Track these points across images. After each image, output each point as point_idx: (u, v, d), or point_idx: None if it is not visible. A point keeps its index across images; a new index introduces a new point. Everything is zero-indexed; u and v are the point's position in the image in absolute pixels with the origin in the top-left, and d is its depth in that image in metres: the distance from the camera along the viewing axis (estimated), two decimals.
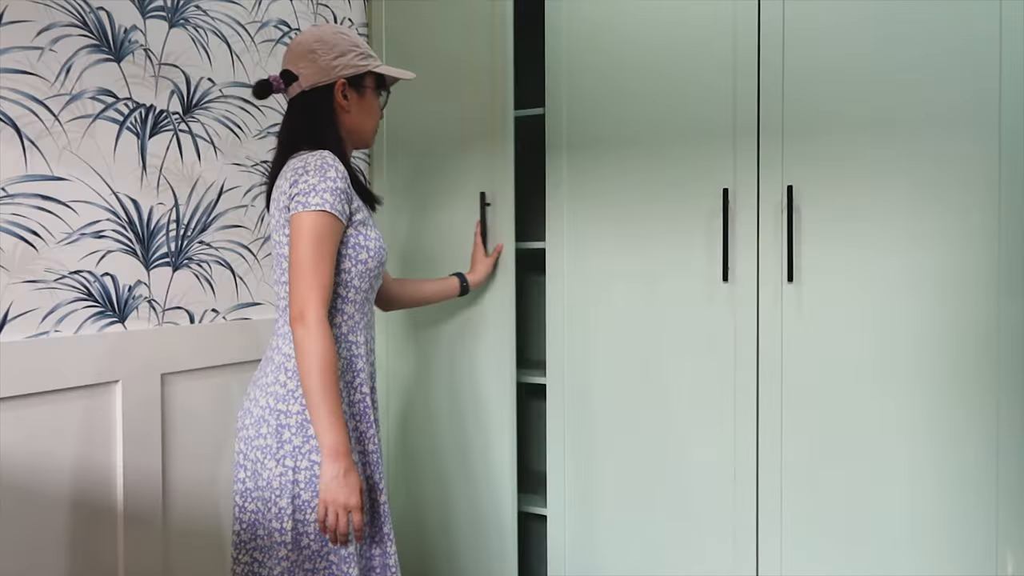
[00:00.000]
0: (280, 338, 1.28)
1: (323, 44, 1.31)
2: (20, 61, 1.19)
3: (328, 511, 1.17)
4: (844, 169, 1.48)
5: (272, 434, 1.23)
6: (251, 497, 1.26)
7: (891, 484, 1.46)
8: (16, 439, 1.18)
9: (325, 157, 1.23)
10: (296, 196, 1.21)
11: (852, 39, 1.47)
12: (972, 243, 1.39)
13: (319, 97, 1.32)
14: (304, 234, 1.19)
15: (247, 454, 1.26)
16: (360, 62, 1.34)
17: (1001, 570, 1.38)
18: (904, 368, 1.45)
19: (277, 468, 1.23)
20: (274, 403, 1.24)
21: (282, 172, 1.28)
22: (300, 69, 1.31)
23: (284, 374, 1.25)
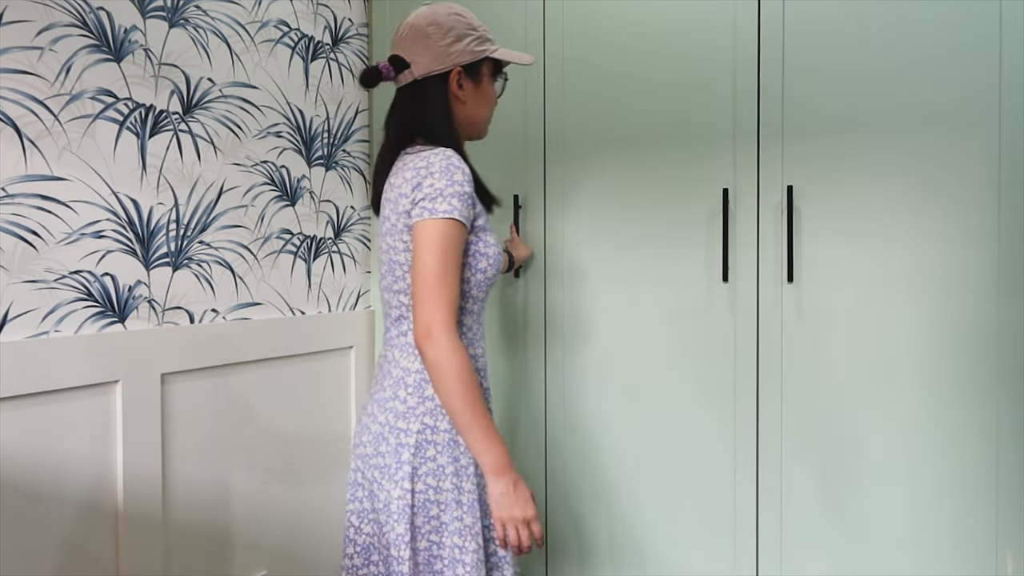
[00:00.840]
0: (397, 350, 1.21)
1: (438, 28, 1.19)
2: (20, 61, 1.19)
3: (507, 528, 1.10)
4: (844, 169, 1.48)
5: (391, 453, 1.16)
6: (367, 519, 1.21)
7: (891, 484, 1.46)
8: (16, 439, 1.18)
9: (450, 157, 1.14)
10: (421, 201, 1.12)
11: (852, 39, 1.47)
12: (972, 243, 1.39)
13: (433, 86, 1.21)
14: (431, 244, 1.09)
15: (364, 473, 1.20)
16: (478, 47, 1.22)
17: (1001, 570, 1.38)
18: (904, 368, 1.45)
19: (395, 491, 1.15)
20: (393, 420, 1.17)
21: (397, 170, 1.19)
22: (413, 55, 1.20)
23: (404, 389, 1.18)
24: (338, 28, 1.88)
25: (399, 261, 1.18)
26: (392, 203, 1.17)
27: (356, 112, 1.94)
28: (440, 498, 1.16)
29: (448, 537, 1.16)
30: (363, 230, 1.97)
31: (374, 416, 1.20)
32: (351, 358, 1.90)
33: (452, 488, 1.16)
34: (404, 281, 1.18)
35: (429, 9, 1.22)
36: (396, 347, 1.21)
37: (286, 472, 1.71)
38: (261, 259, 1.66)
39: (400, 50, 1.22)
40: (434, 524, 1.16)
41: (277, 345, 1.67)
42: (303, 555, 1.76)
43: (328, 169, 1.85)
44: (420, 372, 1.18)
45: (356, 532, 1.21)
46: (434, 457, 1.16)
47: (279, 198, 1.71)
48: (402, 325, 1.21)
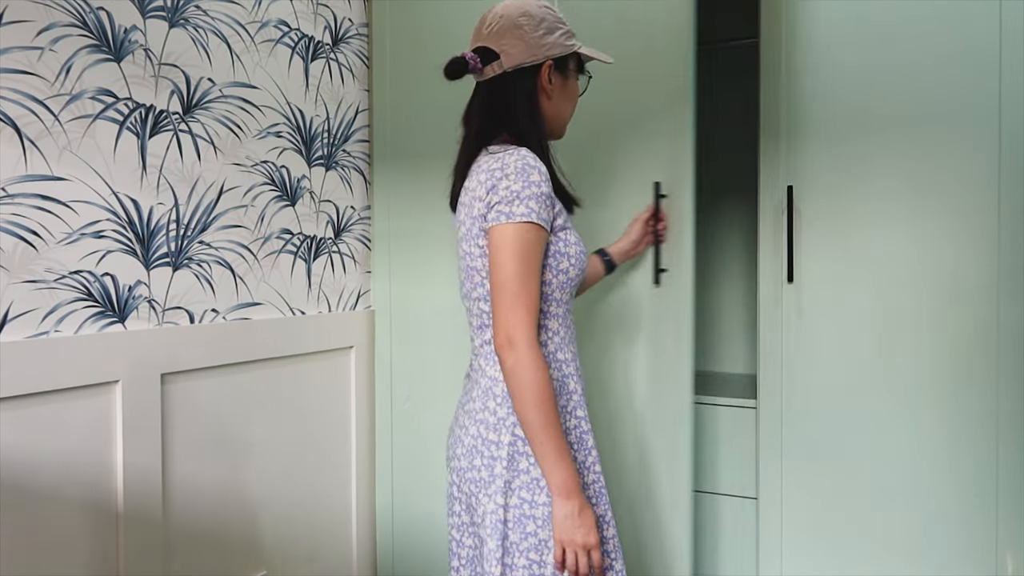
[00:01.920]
0: (482, 359, 1.17)
1: (531, 19, 1.14)
2: (20, 61, 1.19)
3: (567, 552, 1.07)
4: (844, 169, 1.48)
5: (485, 467, 1.12)
6: (468, 532, 1.18)
7: (891, 484, 1.46)
8: (16, 439, 1.18)
9: (525, 157, 1.09)
10: (496, 205, 1.07)
11: (852, 40, 1.47)
12: (972, 243, 1.39)
13: (522, 79, 1.15)
14: (509, 249, 1.05)
15: (461, 487, 1.16)
16: (567, 41, 1.17)
17: (1001, 570, 1.38)
18: (904, 368, 1.45)
19: (489, 504, 1.11)
20: (485, 432, 1.13)
21: (473, 171, 1.14)
22: (503, 46, 1.13)
23: (493, 400, 1.14)
24: (338, 28, 1.88)
25: (476, 267, 1.14)
26: (467, 207, 1.13)
27: (356, 112, 1.94)
28: (536, 513, 1.10)
29: (551, 554, 1.10)
30: (363, 230, 1.97)
31: (466, 428, 1.16)
32: (351, 358, 1.90)
33: (548, 502, 1.10)
34: (483, 288, 1.14)
35: (525, 3, 1.16)
36: (481, 356, 1.17)
37: (286, 472, 1.71)
38: (261, 259, 1.66)
39: (486, 41, 1.15)
40: (532, 541, 1.10)
41: (277, 345, 1.67)
42: (303, 555, 1.76)
43: (328, 169, 1.85)
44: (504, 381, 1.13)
45: (459, 545, 1.19)
46: (527, 470, 1.11)
47: (279, 198, 1.71)
48: (485, 333, 1.17)
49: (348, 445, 1.91)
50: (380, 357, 1.95)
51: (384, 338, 1.95)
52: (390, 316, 1.94)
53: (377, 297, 1.96)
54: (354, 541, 1.92)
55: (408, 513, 1.94)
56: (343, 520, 1.89)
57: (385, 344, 1.95)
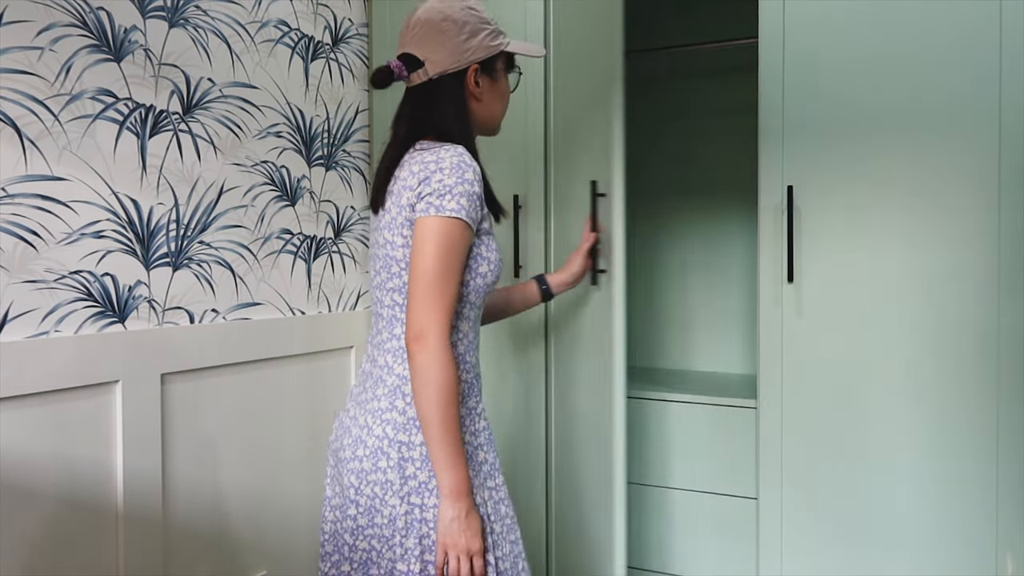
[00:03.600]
0: (390, 355, 1.14)
1: (453, 23, 1.13)
2: (20, 61, 1.19)
3: (448, 556, 1.06)
4: (844, 169, 1.48)
5: (394, 468, 1.10)
6: (363, 535, 1.14)
7: (891, 484, 1.46)
8: (16, 439, 1.18)
9: (463, 155, 1.09)
10: (427, 196, 1.06)
11: (852, 40, 1.47)
12: (972, 243, 1.39)
13: (448, 85, 1.15)
14: (432, 242, 1.05)
15: (360, 489, 1.13)
16: (492, 42, 1.16)
17: (1001, 570, 1.38)
18: (904, 368, 1.45)
19: (402, 506, 1.09)
20: (393, 433, 1.10)
21: (405, 163, 1.13)
22: (426, 53, 1.13)
23: (402, 399, 1.11)
24: (338, 28, 1.88)
25: (396, 257, 1.12)
26: (395, 196, 1.12)
27: (356, 112, 1.94)
28: None
29: None
30: (363, 230, 1.97)
31: (369, 428, 1.13)
32: (351, 358, 1.90)
33: None
34: (400, 279, 1.13)
35: (439, 3, 1.15)
36: (388, 352, 1.14)
37: (286, 472, 1.71)
38: (261, 259, 1.66)
39: (411, 47, 1.15)
40: None
41: (277, 345, 1.67)
42: (303, 555, 1.76)
43: (328, 169, 1.85)
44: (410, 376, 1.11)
45: (352, 549, 1.16)
46: None
47: (279, 198, 1.71)
48: (395, 328, 1.14)
49: None
50: None
51: None
52: None
53: None
54: None
55: None
56: None
57: None
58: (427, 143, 1.15)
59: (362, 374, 1.21)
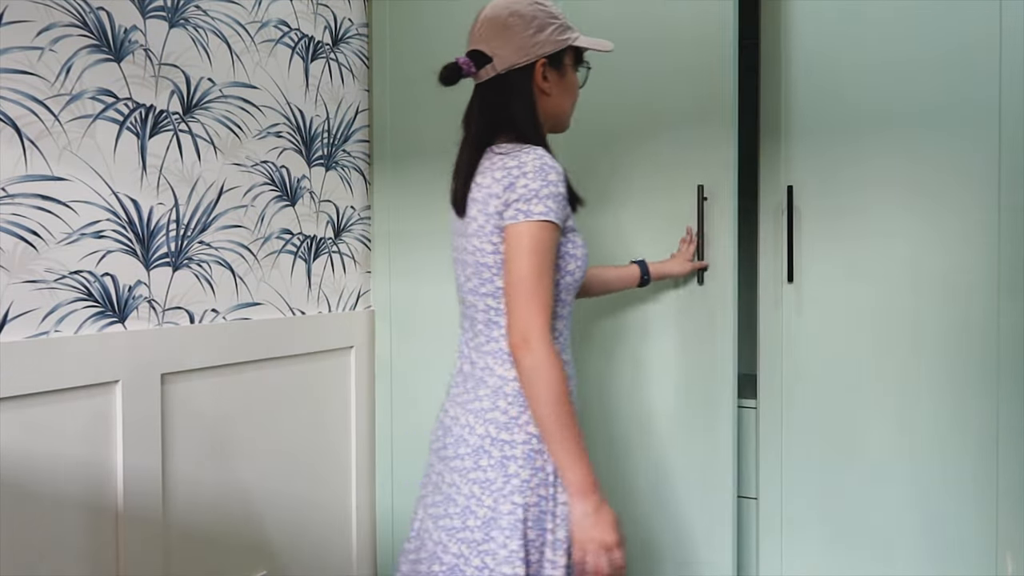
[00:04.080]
0: (490, 357, 1.15)
1: (520, 18, 1.13)
2: (20, 61, 1.19)
3: (586, 552, 1.06)
4: (844, 169, 1.48)
5: (495, 467, 1.11)
6: (456, 538, 1.14)
7: (891, 484, 1.46)
8: (16, 439, 1.18)
9: (543, 156, 1.10)
10: (515, 203, 1.07)
11: (852, 39, 1.47)
12: (972, 242, 1.39)
13: (517, 80, 1.15)
14: (526, 247, 1.06)
15: (460, 488, 1.14)
16: (560, 36, 1.16)
17: (1001, 570, 1.38)
18: (904, 367, 1.45)
19: (504, 505, 1.09)
20: (495, 432, 1.12)
21: (485, 169, 1.13)
22: (494, 49, 1.13)
23: (504, 399, 1.12)
24: (338, 28, 1.88)
25: (487, 264, 1.13)
26: (481, 203, 1.12)
27: (356, 112, 1.94)
28: (555, 510, 1.11)
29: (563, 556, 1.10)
30: (363, 230, 1.97)
31: (470, 427, 1.14)
32: (351, 358, 1.90)
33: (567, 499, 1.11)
34: (492, 284, 1.13)
35: (514, 3, 1.15)
36: (488, 354, 1.16)
37: (286, 472, 1.71)
38: (261, 259, 1.66)
39: (479, 44, 1.15)
40: (549, 539, 1.11)
41: (277, 345, 1.67)
42: (303, 555, 1.76)
43: (328, 169, 1.85)
44: (517, 380, 1.13)
45: (444, 550, 1.15)
46: (543, 467, 1.11)
47: (279, 198, 1.71)
48: (492, 331, 1.15)
49: (348, 445, 1.91)
50: (380, 357, 1.96)
51: (384, 338, 1.95)
52: (390, 316, 1.94)
53: (377, 297, 1.96)
54: (354, 541, 1.92)
55: (408, 513, 1.94)
56: (343, 520, 1.90)
57: (385, 344, 1.95)
58: (505, 146, 1.14)
59: (460, 375, 1.22)
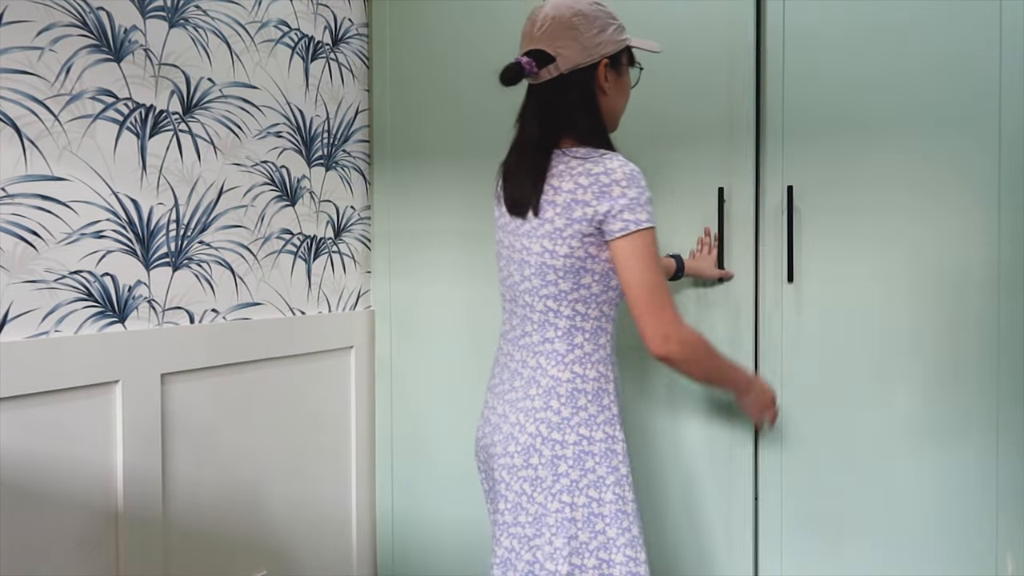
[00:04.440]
0: (542, 357, 1.18)
1: (584, 18, 1.14)
2: (20, 61, 1.19)
3: (761, 419, 1.35)
4: (844, 170, 1.48)
5: (546, 466, 1.14)
6: (507, 533, 1.17)
7: (891, 484, 1.46)
8: (16, 439, 1.18)
9: (627, 163, 1.12)
10: (618, 214, 1.10)
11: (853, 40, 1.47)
12: (972, 242, 1.39)
13: (580, 80, 1.16)
14: (640, 257, 1.10)
15: (509, 484, 1.17)
16: (620, 36, 1.17)
17: (1001, 570, 1.38)
18: (904, 367, 1.45)
19: (553, 503, 1.13)
20: (547, 432, 1.15)
21: (562, 173, 1.14)
22: (558, 48, 1.13)
23: (556, 400, 1.16)
24: (338, 28, 1.88)
25: (555, 266, 1.15)
26: (562, 207, 1.13)
27: (356, 112, 1.94)
28: (604, 511, 1.13)
29: (619, 552, 1.13)
30: (363, 230, 1.97)
31: (521, 426, 1.16)
32: (351, 358, 1.90)
33: (615, 499, 1.14)
34: (556, 286, 1.16)
35: (575, 2, 1.15)
36: (541, 354, 1.18)
37: (286, 472, 1.71)
38: (261, 259, 1.66)
39: (540, 44, 1.15)
40: (602, 540, 1.13)
41: (277, 345, 1.67)
42: (303, 555, 1.76)
43: (328, 169, 1.85)
44: (571, 382, 1.16)
45: (497, 544, 1.19)
46: (593, 468, 1.14)
47: (279, 198, 1.71)
48: (547, 331, 1.18)
49: (348, 445, 1.91)
50: (380, 357, 1.96)
51: (384, 338, 1.95)
52: (390, 316, 1.95)
53: (377, 297, 1.96)
54: (354, 541, 1.92)
55: (408, 513, 1.94)
56: (343, 520, 1.90)
57: (385, 344, 1.95)
58: (581, 150, 1.15)
59: (505, 371, 1.24)
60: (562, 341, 1.17)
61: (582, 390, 1.16)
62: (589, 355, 1.18)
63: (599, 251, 1.14)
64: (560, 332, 1.17)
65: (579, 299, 1.16)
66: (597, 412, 1.17)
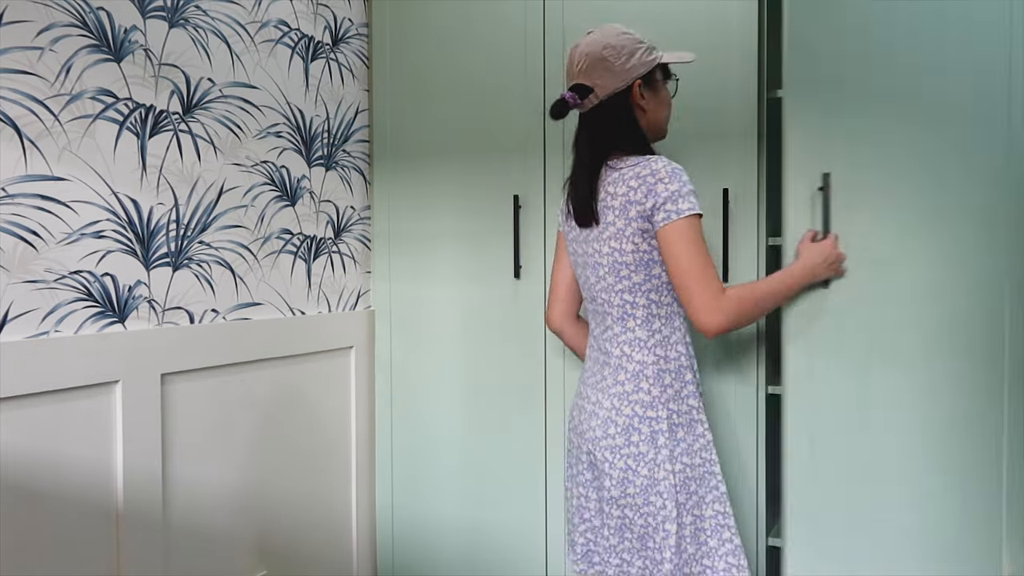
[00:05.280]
0: (627, 346, 1.32)
1: (613, 50, 1.28)
2: (20, 61, 1.19)
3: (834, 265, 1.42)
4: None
5: (646, 441, 1.28)
6: (617, 504, 1.30)
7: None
8: (16, 439, 1.18)
9: (670, 162, 1.26)
10: (663, 206, 1.23)
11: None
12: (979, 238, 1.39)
13: (618, 103, 1.31)
14: (683, 241, 1.23)
15: (614, 463, 1.29)
16: (648, 58, 1.31)
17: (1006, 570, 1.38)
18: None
19: (659, 472, 1.27)
20: (642, 411, 1.29)
21: (614, 180, 1.29)
22: (595, 80, 1.29)
23: (646, 381, 1.30)
24: (338, 28, 1.88)
25: (626, 262, 1.29)
26: (619, 210, 1.28)
27: (356, 112, 1.94)
28: (694, 474, 1.30)
29: (708, 507, 1.30)
30: (363, 230, 1.97)
31: (618, 409, 1.30)
32: (351, 358, 1.90)
33: (703, 462, 1.31)
34: (630, 280, 1.30)
35: (599, 34, 1.30)
36: (625, 343, 1.32)
37: (286, 472, 1.71)
38: (261, 259, 1.66)
39: (580, 79, 1.30)
40: (695, 500, 1.29)
41: (277, 345, 1.67)
42: (303, 555, 1.76)
43: (328, 169, 1.85)
44: (655, 364, 1.30)
45: (608, 516, 1.32)
46: (684, 438, 1.30)
47: (279, 198, 1.71)
48: (628, 322, 1.32)
49: (348, 445, 1.91)
50: (380, 357, 1.96)
51: (384, 338, 1.95)
52: (390, 316, 1.95)
53: (377, 297, 1.96)
54: (354, 541, 1.92)
55: (408, 512, 1.94)
56: (343, 520, 1.90)
57: (385, 344, 1.95)
58: (626, 159, 1.30)
59: (596, 365, 1.38)
60: (642, 329, 1.31)
61: (666, 370, 1.30)
62: (667, 338, 1.32)
63: None
64: (639, 321, 1.31)
65: (652, 288, 1.30)
66: (681, 387, 1.31)
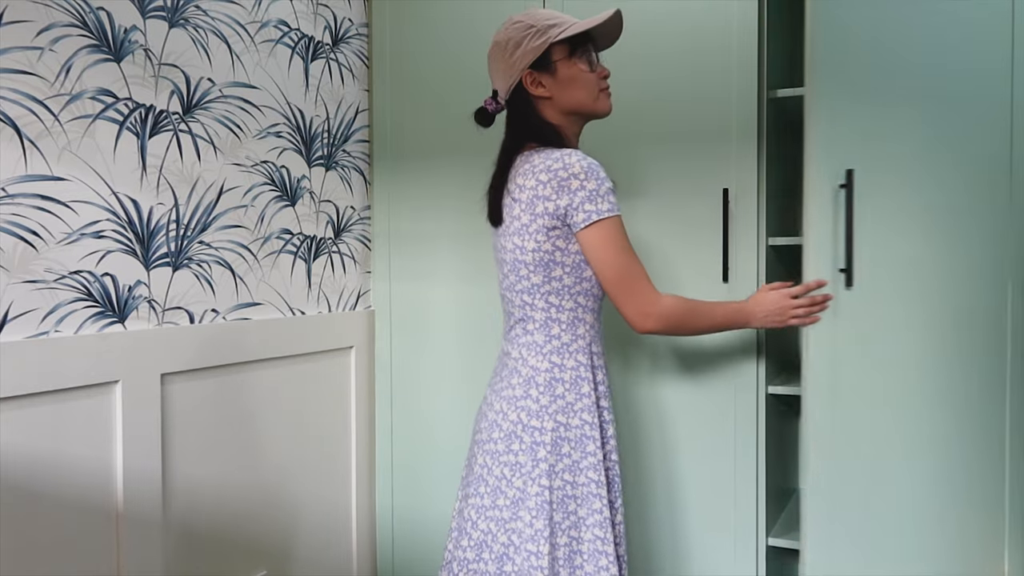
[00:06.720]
0: (524, 349, 1.25)
1: (498, 47, 1.25)
2: (20, 61, 1.19)
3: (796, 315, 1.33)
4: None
5: (525, 451, 1.21)
6: (485, 516, 1.23)
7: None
8: (16, 439, 1.18)
9: (584, 157, 1.18)
10: (580, 207, 1.16)
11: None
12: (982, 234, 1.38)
13: (517, 99, 1.26)
14: (607, 245, 1.17)
15: (491, 469, 1.24)
16: (536, 42, 1.22)
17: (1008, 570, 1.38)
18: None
19: (532, 487, 1.19)
20: (527, 419, 1.21)
21: (522, 172, 1.21)
22: (494, 83, 1.28)
23: (535, 388, 1.22)
24: (338, 28, 1.88)
25: (525, 261, 1.21)
26: (525, 203, 1.20)
27: (356, 112, 1.94)
28: (577, 493, 1.21)
29: (588, 531, 1.21)
30: (363, 230, 1.97)
31: (504, 413, 1.24)
32: (351, 358, 1.90)
33: (587, 482, 1.21)
34: (529, 280, 1.22)
35: (499, 32, 1.27)
36: (523, 346, 1.25)
37: (286, 472, 1.71)
38: (261, 259, 1.66)
39: (492, 83, 1.29)
40: (573, 520, 1.21)
41: (277, 345, 1.67)
42: (303, 555, 1.76)
43: (328, 169, 1.85)
44: (549, 371, 1.22)
45: (472, 526, 1.25)
46: (569, 453, 1.21)
47: (279, 198, 1.71)
48: (527, 324, 1.25)
49: (348, 445, 1.91)
50: (380, 357, 1.96)
51: (384, 338, 1.95)
52: (390, 316, 1.95)
53: (377, 297, 1.96)
54: (354, 541, 1.92)
55: (408, 513, 1.94)
56: (343, 520, 1.90)
57: (385, 344, 1.95)
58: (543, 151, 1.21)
59: (499, 366, 1.32)
60: (540, 333, 1.23)
61: (559, 379, 1.22)
62: (566, 345, 1.23)
63: (567, 244, 1.20)
64: (538, 324, 1.24)
65: (552, 291, 1.22)
66: (575, 400, 1.22)
